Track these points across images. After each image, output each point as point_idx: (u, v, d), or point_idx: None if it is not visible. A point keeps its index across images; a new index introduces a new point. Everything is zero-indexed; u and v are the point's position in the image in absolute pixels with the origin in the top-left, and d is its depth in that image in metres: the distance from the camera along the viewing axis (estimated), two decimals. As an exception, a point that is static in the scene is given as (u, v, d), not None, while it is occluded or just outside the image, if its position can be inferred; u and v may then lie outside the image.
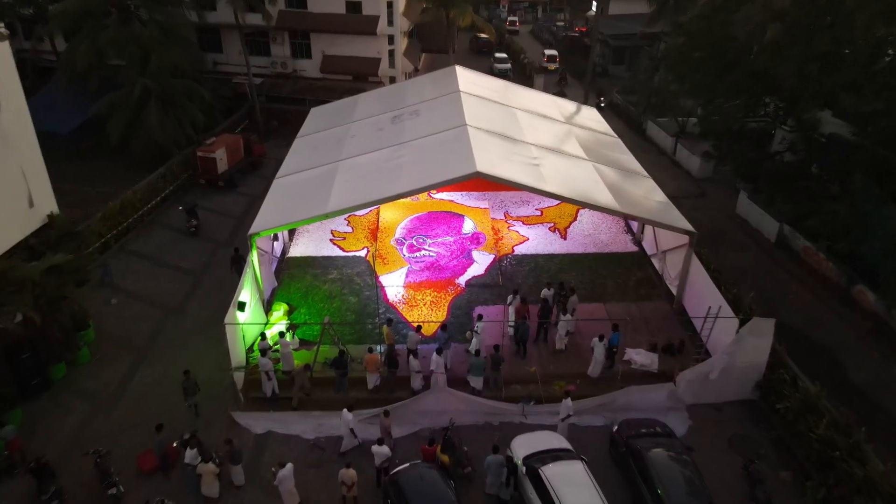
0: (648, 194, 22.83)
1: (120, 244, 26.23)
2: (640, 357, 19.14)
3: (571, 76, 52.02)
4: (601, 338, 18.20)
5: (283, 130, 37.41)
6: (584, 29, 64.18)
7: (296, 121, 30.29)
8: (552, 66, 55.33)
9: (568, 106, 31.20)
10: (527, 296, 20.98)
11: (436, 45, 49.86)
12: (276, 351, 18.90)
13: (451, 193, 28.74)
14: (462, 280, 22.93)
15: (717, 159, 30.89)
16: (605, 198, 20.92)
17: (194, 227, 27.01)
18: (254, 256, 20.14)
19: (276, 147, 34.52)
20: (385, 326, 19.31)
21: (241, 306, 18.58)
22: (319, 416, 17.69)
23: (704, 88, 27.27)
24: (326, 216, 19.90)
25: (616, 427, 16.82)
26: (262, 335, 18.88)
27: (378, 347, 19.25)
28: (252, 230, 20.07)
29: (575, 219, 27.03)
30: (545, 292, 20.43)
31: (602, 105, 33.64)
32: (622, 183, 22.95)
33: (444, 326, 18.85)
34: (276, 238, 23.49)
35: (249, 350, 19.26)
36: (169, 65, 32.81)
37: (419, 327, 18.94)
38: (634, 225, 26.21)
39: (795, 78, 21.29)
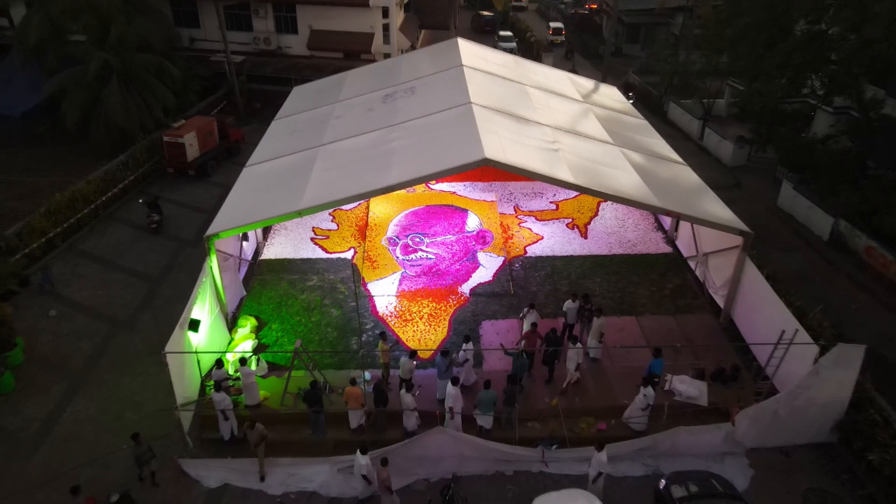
0: (688, 186, 19.18)
1: (68, 243, 22.57)
2: (686, 387, 15.55)
3: (581, 55, 48.20)
4: (645, 382, 14.41)
5: (265, 113, 33.56)
6: (594, 6, 60.11)
7: (280, 102, 26.69)
8: (557, 39, 52.02)
9: (585, 83, 27.41)
10: (541, 307, 17.49)
11: (435, 21, 45.92)
12: (238, 379, 15.37)
13: (453, 184, 25.06)
14: (466, 288, 19.30)
15: (756, 144, 27.10)
16: (637, 190, 17.28)
17: (156, 223, 23.35)
18: (213, 262, 16.54)
19: (257, 131, 30.43)
20: (381, 343, 15.72)
21: (194, 325, 14.99)
22: (289, 464, 14.16)
23: (750, 62, 23.36)
24: (300, 214, 16.25)
25: (663, 482, 13.26)
26: (218, 362, 15.22)
27: (365, 375, 15.74)
28: (210, 231, 16.46)
29: (596, 213, 23.35)
30: (569, 305, 16.81)
31: (632, 101, 29.52)
32: (656, 172, 19.31)
33: (444, 352, 15.19)
34: (245, 238, 19.85)
35: (209, 376, 15.70)
36: (133, 38, 29.02)
37: (414, 352, 15.31)
38: (665, 221, 22.56)
39: (885, 42, 17.42)
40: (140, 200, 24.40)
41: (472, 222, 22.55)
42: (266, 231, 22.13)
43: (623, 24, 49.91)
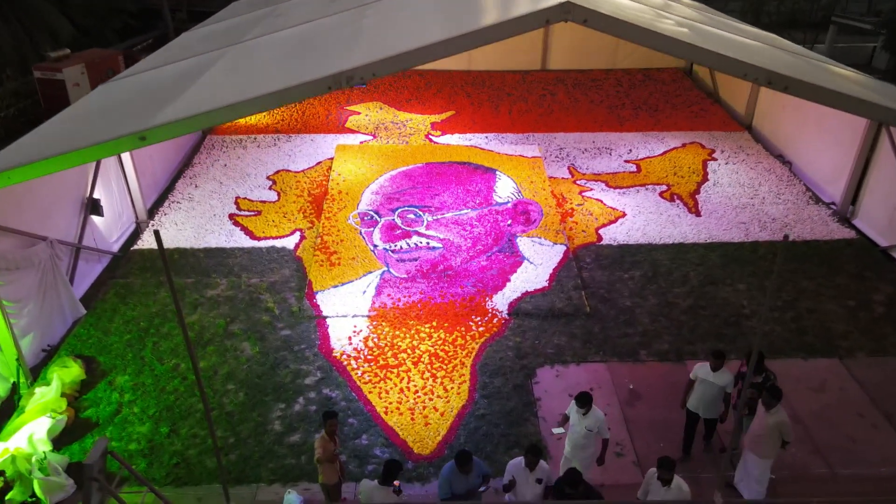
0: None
1: None
2: None
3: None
4: None
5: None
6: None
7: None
8: None
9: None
10: (654, 338, 8.59)
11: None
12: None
13: (471, 135, 16.08)
14: (501, 302, 10.33)
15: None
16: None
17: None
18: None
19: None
20: (321, 435, 6.68)
21: None
22: None
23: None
24: (144, 140, 7.37)
25: None
26: None
27: (288, 495, 6.89)
28: (-45, 180, 7.62)
29: (705, 177, 14.35)
30: (701, 371, 7.49)
31: None
32: (843, 87, 10.48)
33: (461, 457, 6.11)
34: (97, 210, 10.87)
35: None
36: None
37: (394, 467, 6.23)
38: (826, 190, 13.55)
39: None
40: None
41: (505, 188, 13.52)
42: (157, 203, 13.18)
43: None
